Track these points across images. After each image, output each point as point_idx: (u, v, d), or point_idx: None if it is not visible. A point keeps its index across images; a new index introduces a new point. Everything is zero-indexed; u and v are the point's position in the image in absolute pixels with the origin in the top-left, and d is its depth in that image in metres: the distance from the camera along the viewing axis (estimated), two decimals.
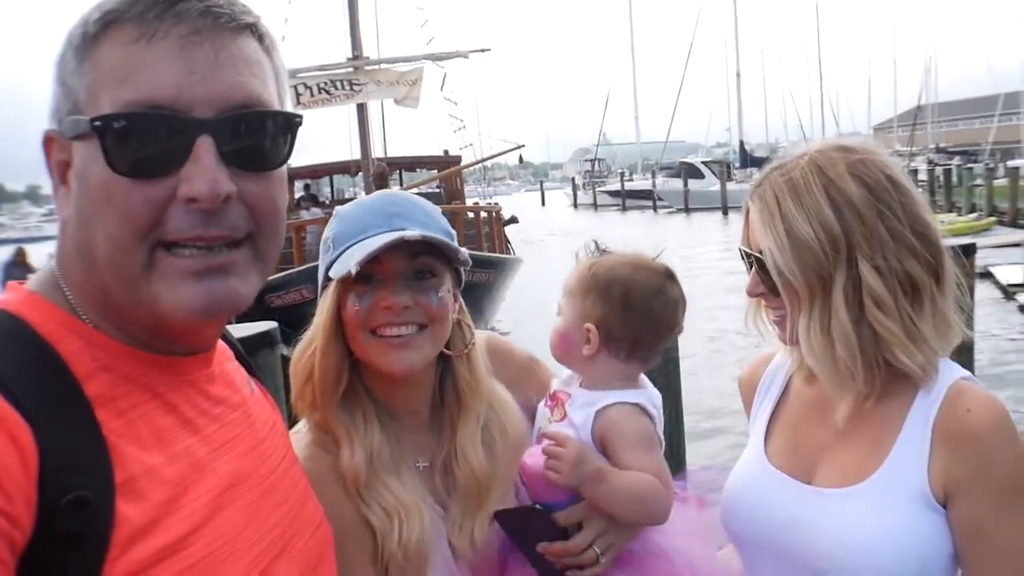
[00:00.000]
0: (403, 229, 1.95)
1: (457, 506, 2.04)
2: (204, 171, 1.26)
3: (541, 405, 2.28)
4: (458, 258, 2.03)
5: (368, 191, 17.34)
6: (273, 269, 1.47)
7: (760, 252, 2.04)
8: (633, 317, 2.19)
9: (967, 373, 2.04)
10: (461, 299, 2.12)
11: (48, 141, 1.33)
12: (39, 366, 1.20)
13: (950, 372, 2.01)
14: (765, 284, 2.07)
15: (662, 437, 2.22)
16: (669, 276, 2.26)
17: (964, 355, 8.32)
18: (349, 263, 1.91)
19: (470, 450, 2.06)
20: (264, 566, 1.39)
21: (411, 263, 1.97)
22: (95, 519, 1.13)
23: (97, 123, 1.25)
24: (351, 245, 1.97)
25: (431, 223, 2.03)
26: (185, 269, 1.29)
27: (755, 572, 2.20)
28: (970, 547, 1.92)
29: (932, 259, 1.98)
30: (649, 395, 2.24)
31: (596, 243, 2.32)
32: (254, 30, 1.36)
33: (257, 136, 1.34)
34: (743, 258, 2.16)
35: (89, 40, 1.28)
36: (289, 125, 1.40)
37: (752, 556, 2.20)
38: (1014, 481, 1.90)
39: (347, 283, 1.96)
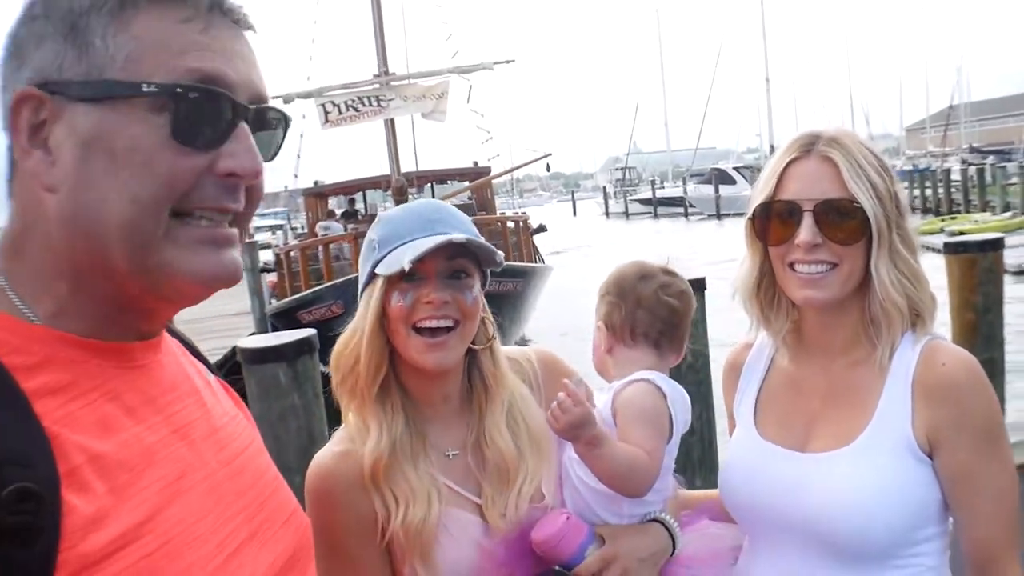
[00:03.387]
0: (444, 233, 2.13)
1: (489, 485, 2.19)
2: (249, 150, 1.33)
3: None
4: (493, 260, 2.22)
5: (397, 204, 17.47)
6: None
7: (847, 199, 2.14)
8: (624, 300, 2.43)
9: (938, 333, 2.23)
10: (483, 299, 2.28)
11: (21, 100, 1.24)
12: None
13: (925, 335, 2.21)
14: (830, 233, 2.15)
15: (676, 424, 2.33)
16: (664, 269, 2.49)
17: (996, 349, 8.39)
18: (402, 260, 2.08)
19: (496, 433, 2.23)
20: (231, 550, 1.37)
21: (449, 264, 2.17)
22: (41, 511, 1.10)
23: (162, 89, 1.25)
24: (399, 246, 2.15)
25: (468, 229, 2.21)
26: (201, 237, 1.31)
27: (758, 542, 2.33)
28: (957, 491, 2.10)
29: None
30: (670, 383, 2.38)
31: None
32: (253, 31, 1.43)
33: (270, 128, 1.42)
34: (782, 213, 2.21)
35: (128, 6, 1.27)
36: (287, 123, 1.50)
37: (755, 527, 2.34)
38: (990, 425, 2.12)
39: (392, 281, 2.15)
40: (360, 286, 2.26)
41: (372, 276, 2.19)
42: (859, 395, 2.20)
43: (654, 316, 2.42)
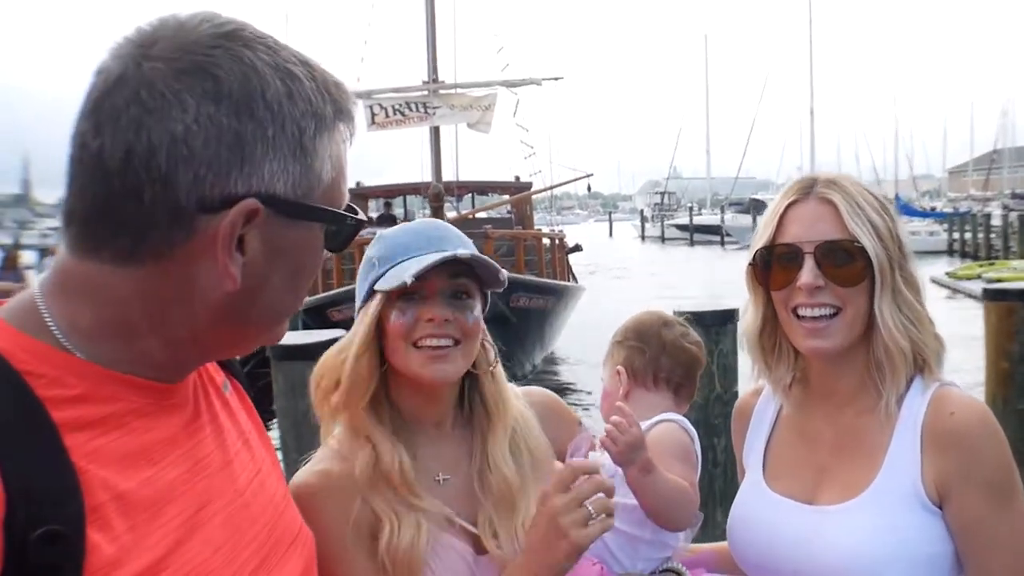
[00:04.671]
0: (446, 250, 2.11)
1: (492, 512, 2.15)
2: None
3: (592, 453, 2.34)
4: (497, 279, 2.19)
5: (434, 213, 17.50)
6: None
7: (848, 240, 2.12)
8: (648, 346, 2.53)
9: (948, 380, 2.18)
10: (483, 323, 2.24)
11: (247, 211, 1.27)
12: (0, 393, 1.17)
13: (933, 381, 2.16)
14: (832, 276, 2.12)
15: (697, 467, 2.39)
16: (679, 320, 2.62)
17: None
18: (402, 276, 2.05)
19: (500, 460, 2.19)
20: None
21: (451, 283, 2.14)
22: (67, 551, 1.12)
23: (352, 222, 1.43)
24: (400, 262, 2.12)
25: (470, 247, 2.18)
26: None
27: None
28: (968, 542, 2.04)
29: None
30: (691, 427, 2.45)
31: None
32: None
33: None
34: (782, 257, 2.18)
35: (331, 128, 1.36)
36: None
37: None
38: (1001, 474, 2.05)
39: (391, 298, 2.11)
40: (357, 304, 2.22)
41: (371, 293, 2.16)
42: (867, 445, 2.16)
43: (676, 362, 2.54)
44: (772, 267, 2.20)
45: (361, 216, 1.44)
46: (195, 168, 1.22)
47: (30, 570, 1.08)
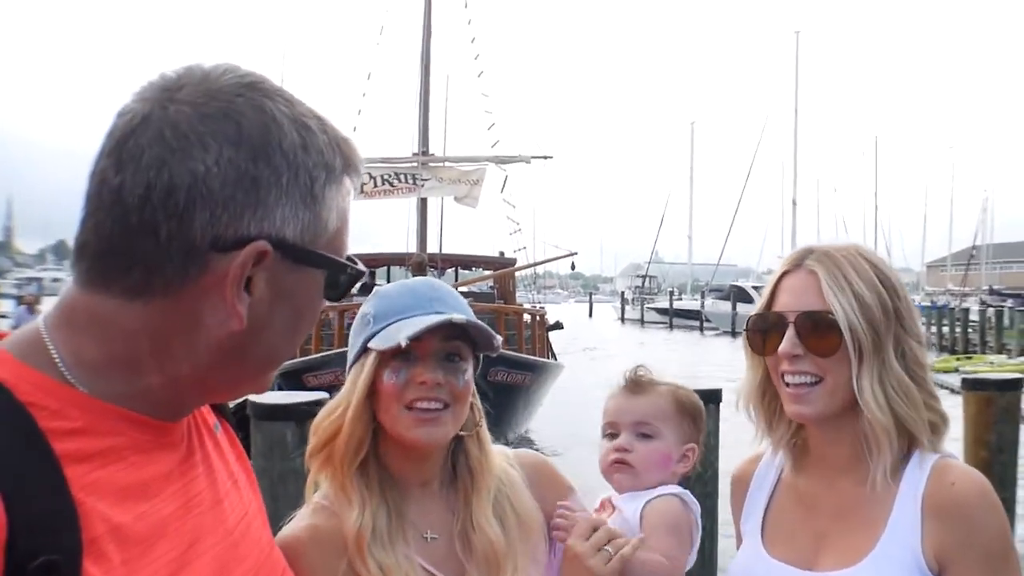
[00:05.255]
0: (442, 312, 2.11)
1: (477, 572, 2.15)
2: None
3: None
4: (491, 344, 2.20)
5: None
6: None
7: (826, 311, 2.15)
8: (703, 428, 2.45)
9: (949, 451, 2.21)
10: (473, 384, 2.24)
11: (263, 254, 1.31)
12: (4, 422, 1.19)
13: (934, 452, 2.18)
14: (811, 345, 2.17)
15: (695, 541, 2.32)
16: None
17: (1008, 490, 8.30)
18: (397, 336, 2.06)
19: (483, 521, 2.18)
20: None
21: (444, 345, 2.13)
22: None
23: (355, 272, 1.47)
24: (395, 321, 2.12)
25: (466, 311, 2.19)
26: None
27: None
28: None
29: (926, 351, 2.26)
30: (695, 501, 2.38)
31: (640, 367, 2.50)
32: None
33: None
34: (769, 325, 2.26)
35: (339, 179, 1.42)
36: None
37: None
38: (1000, 546, 2.07)
39: (384, 358, 2.11)
40: (350, 360, 2.21)
41: (364, 350, 2.16)
42: (868, 513, 2.16)
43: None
44: (763, 334, 2.28)
45: (361, 267, 1.47)
46: (212, 208, 1.26)
47: None
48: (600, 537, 2.12)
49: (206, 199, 1.26)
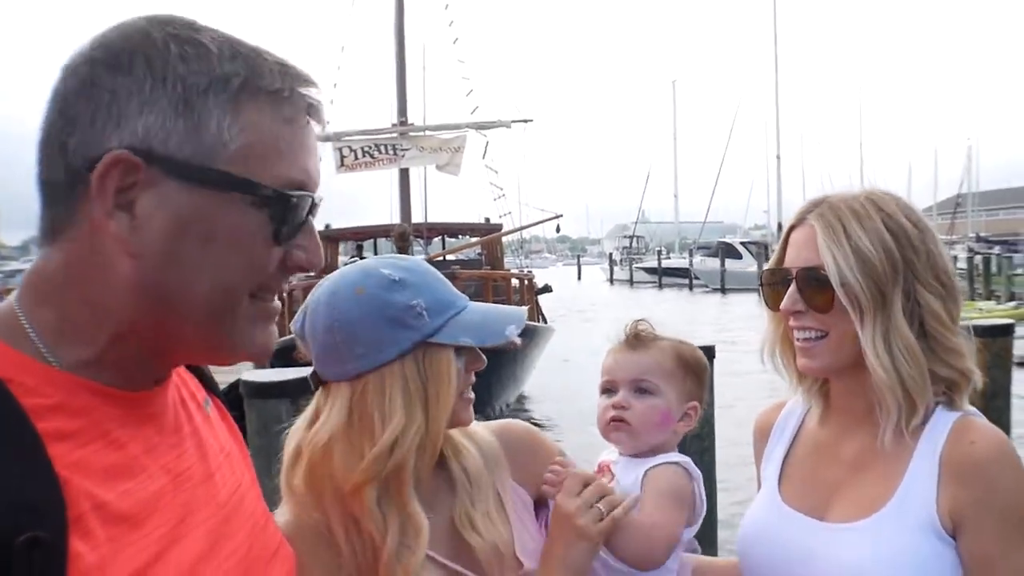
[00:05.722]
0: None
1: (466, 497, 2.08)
2: (318, 245, 1.44)
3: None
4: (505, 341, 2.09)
5: (399, 251, 17.41)
6: None
7: (820, 267, 2.11)
8: (705, 385, 2.40)
9: (972, 409, 2.14)
10: None
11: (115, 162, 1.24)
12: None
13: (956, 410, 2.12)
14: (810, 301, 2.15)
15: (698, 508, 2.27)
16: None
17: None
18: (501, 330, 2.00)
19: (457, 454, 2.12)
20: None
21: None
22: (50, 559, 1.11)
23: (276, 194, 1.32)
24: (455, 314, 2.00)
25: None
26: (265, 315, 1.41)
27: None
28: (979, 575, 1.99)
29: (955, 302, 2.15)
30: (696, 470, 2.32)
31: (640, 321, 2.41)
32: None
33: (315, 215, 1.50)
34: (777, 280, 2.25)
35: (244, 95, 1.31)
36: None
37: None
38: (1018, 509, 1.99)
39: (458, 352, 2.00)
40: (385, 355, 1.93)
41: (416, 344, 1.95)
42: (884, 467, 2.11)
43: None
44: (772, 289, 2.27)
45: (306, 194, 1.37)
46: (80, 129, 1.25)
47: None
48: (591, 493, 2.04)
49: (75, 121, 1.26)
